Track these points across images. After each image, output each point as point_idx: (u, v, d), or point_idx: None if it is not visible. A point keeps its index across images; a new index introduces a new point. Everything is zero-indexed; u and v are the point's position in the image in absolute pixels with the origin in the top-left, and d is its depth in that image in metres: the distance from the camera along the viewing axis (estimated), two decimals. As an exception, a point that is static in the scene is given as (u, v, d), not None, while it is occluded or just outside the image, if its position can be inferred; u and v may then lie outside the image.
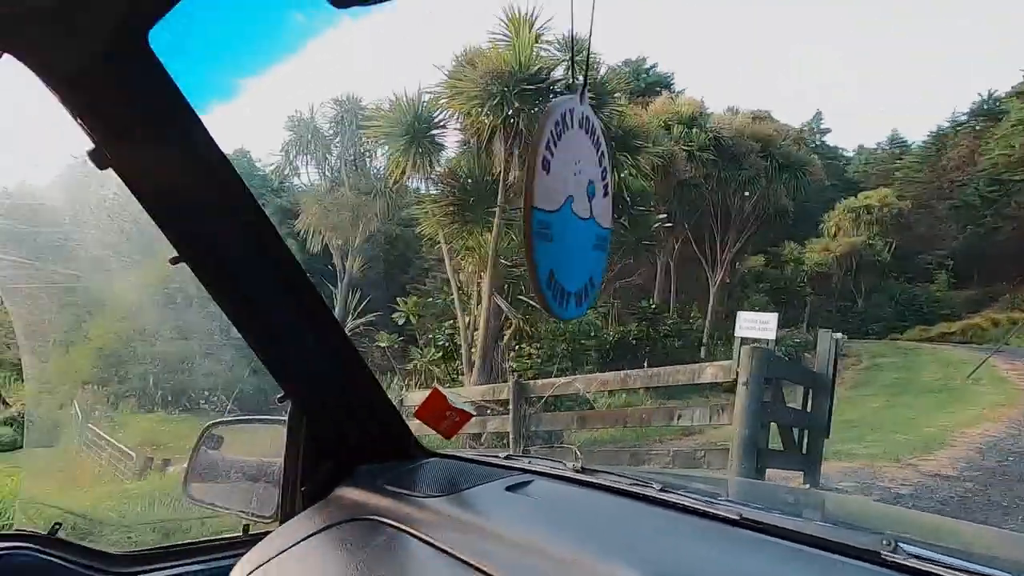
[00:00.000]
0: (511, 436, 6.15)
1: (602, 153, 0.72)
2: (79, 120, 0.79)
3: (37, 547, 0.95)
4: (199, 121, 0.81)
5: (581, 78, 0.76)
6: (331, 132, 19.55)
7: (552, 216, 0.66)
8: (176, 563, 1.10)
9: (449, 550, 0.81)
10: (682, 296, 19.86)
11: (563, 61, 10.12)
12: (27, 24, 0.70)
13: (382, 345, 14.37)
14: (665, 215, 15.80)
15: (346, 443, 1.10)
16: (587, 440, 8.59)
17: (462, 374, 11.44)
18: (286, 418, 1.10)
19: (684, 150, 16.95)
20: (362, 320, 16.76)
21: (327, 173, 19.61)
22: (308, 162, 20.06)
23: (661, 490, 0.89)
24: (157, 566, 1.06)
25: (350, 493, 1.04)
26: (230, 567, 0.99)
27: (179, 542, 1.11)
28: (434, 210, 11.07)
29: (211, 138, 0.83)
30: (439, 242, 11.75)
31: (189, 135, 0.81)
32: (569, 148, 0.66)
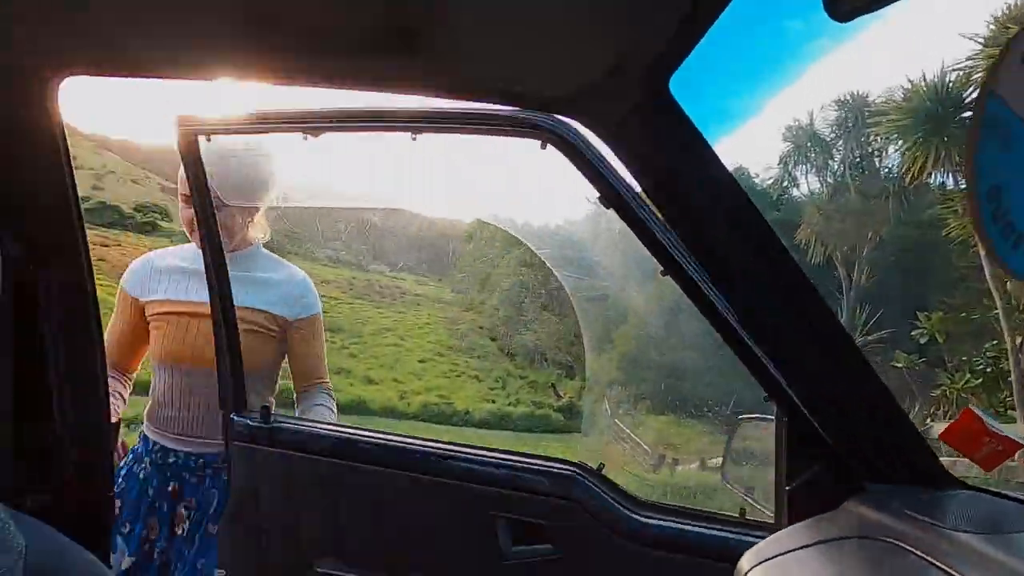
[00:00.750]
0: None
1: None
2: (626, 163, 1.00)
3: (589, 476, 1.34)
4: (711, 151, 0.93)
5: None
6: (832, 135, 18.43)
7: (1016, 119, 0.50)
8: (681, 520, 1.29)
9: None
10: None
11: None
12: (586, 96, 0.94)
13: (898, 366, 12.61)
14: None
15: (850, 455, 1.05)
16: None
17: (1012, 408, 9.15)
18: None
19: None
20: (872, 337, 15.10)
21: (828, 179, 18.51)
22: (807, 171, 19.32)
23: None
24: (665, 517, 1.29)
25: (863, 510, 0.99)
26: (723, 538, 1.20)
27: (685, 504, 1.30)
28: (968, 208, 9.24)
29: (722, 165, 0.93)
30: (974, 246, 9.70)
31: (703, 164, 0.94)
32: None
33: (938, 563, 0.80)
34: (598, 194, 1.13)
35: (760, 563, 0.95)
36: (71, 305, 1.05)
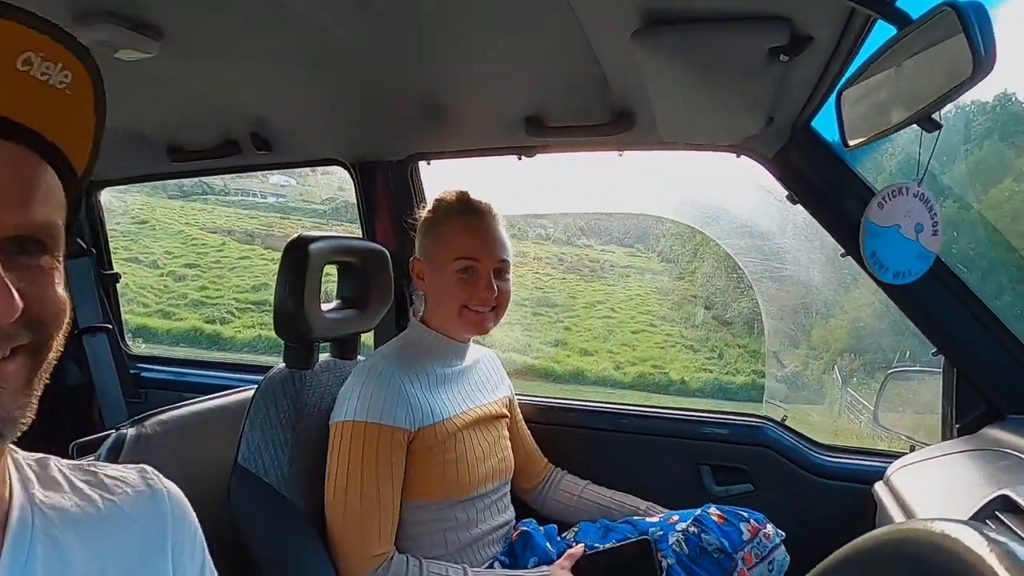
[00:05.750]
0: None
1: (934, 215, 1.04)
2: (786, 186, 1.38)
3: (774, 425, 1.65)
4: (849, 169, 1.29)
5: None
6: None
7: (880, 228, 1.06)
8: (850, 456, 1.58)
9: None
10: None
11: None
12: (750, 141, 1.34)
13: None
14: None
15: (994, 392, 1.33)
16: None
17: None
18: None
19: None
20: None
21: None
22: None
23: None
24: (842, 455, 1.58)
25: (996, 432, 1.27)
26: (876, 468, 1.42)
27: (861, 446, 1.59)
28: None
29: (857, 178, 1.28)
30: None
31: (842, 180, 1.30)
32: (900, 206, 1.03)
33: None
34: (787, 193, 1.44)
35: (902, 467, 1.29)
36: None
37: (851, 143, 0.92)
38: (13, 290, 0.46)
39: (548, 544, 1.34)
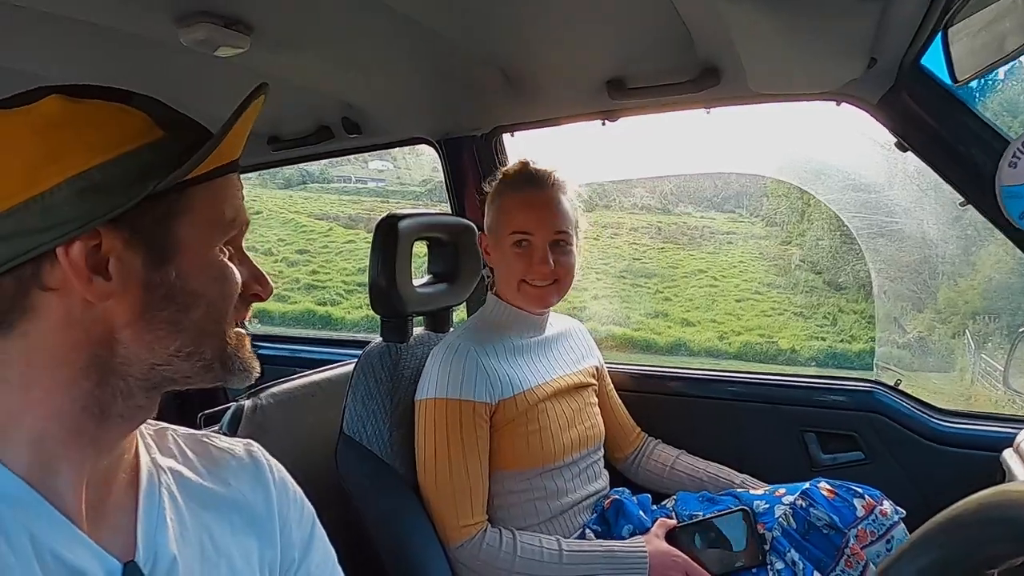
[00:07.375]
0: None
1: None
2: (894, 132, 1.27)
3: (887, 390, 1.53)
4: (964, 106, 1.16)
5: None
6: None
7: (1018, 187, 0.97)
8: (973, 422, 1.44)
9: None
10: None
11: None
12: (851, 86, 1.24)
13: None
14: None
15: None
16: None
17: None
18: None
19: None
20: None
21: None
22: None
23: None
24: (965, 421, 1.45)
25: None
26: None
27: (985, 411, 1.46)
28: None
29: (976, 116, 1.16)
30: None
31: (957, 119, 1.18)
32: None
33: None
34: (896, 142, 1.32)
35: (1032, 431, 1.18)
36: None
37: (960, 78, 0.84)
38: None
39: (642, 513, 1.34)
